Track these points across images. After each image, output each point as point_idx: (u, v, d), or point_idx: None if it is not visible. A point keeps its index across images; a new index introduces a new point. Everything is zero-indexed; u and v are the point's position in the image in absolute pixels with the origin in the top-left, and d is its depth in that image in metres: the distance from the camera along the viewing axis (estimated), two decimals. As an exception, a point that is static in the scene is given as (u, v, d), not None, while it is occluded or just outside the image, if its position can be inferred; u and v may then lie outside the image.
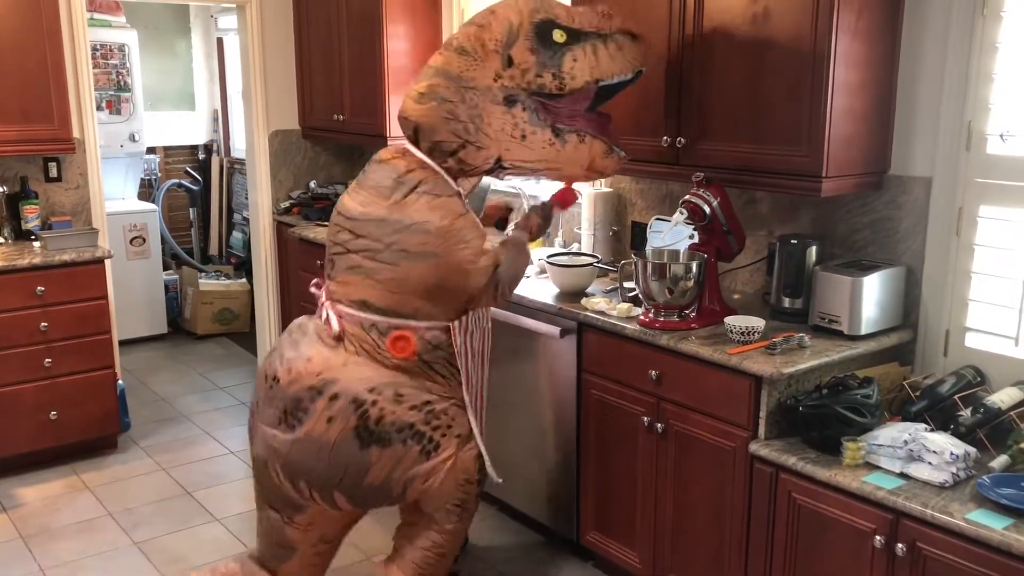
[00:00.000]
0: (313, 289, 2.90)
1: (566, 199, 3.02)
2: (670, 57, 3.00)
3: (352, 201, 2.77)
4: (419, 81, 2.75)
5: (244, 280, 6.44)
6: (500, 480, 2.91)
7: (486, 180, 3.34)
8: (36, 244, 4.29)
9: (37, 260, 4.05)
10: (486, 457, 2.83)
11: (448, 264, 2.65)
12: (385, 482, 2.66)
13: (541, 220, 2.97)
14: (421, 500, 2.77)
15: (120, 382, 4.48)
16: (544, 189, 4.14)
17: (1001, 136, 2.57)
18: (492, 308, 2.89)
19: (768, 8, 2.69)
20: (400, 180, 2.69)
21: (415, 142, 2.77)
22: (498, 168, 2.81)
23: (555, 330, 3.21)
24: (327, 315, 2.74)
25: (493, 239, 2.81)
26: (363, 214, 2.71)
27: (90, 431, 4.30)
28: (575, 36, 2.74)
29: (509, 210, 3.22)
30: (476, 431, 2.81)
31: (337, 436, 2.62)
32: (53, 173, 4.57)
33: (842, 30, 2.56)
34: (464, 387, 2.79)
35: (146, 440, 4.59)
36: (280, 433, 2.68)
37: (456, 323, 2.73)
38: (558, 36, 2.72)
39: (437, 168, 2.72)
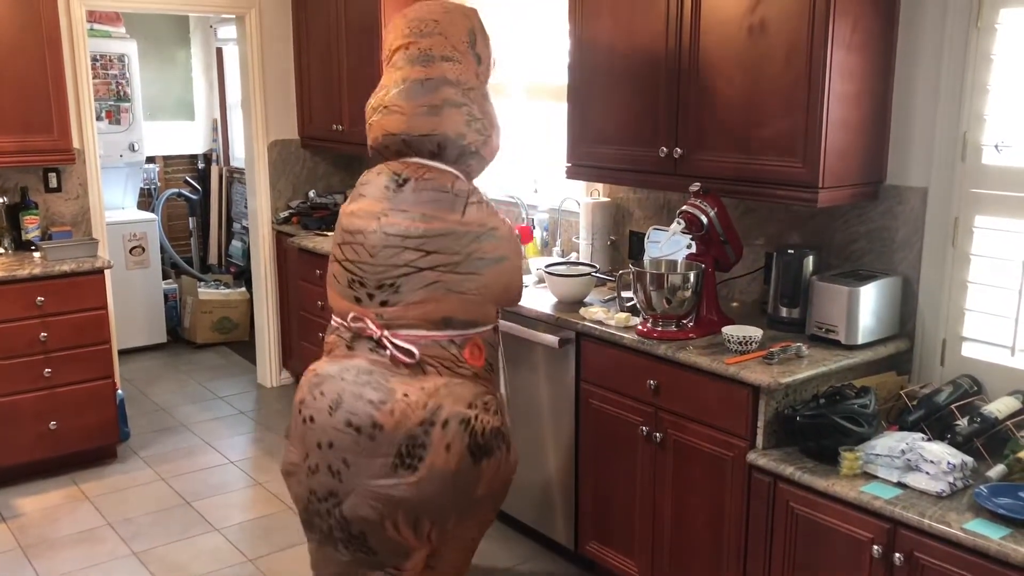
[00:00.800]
0: (351, 324, 2.73)
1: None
2: (667, 68, 3.02)
3: (406, 220, 2.69)
4: (414, 98, 2.75)
5: (243, 289, 6.44)
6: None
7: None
8: (36, 254, 4.31)
9: (37, 270, 4.06)
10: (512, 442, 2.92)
11: (515, 264, 2.84)
12: (488, 490, 2.72)
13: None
14: (496, 495, 2.82)
15: (119, 392, 4.49)
16: (540, 199, 4.16)
17: (996, 147, 2.58)
18: None
19: (764, 20, 2.70)
20: (454, 193, 2.74)
21: (436, 155, 2.78)
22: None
23: (553, 340, 3.22)
24: (392, 346, 2.65)
25: None
26: (429, 230, 2.67)
27: (89, 441, 4.31)
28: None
29: None
30: (508, 421, 2.89)
31: (457, 460, 2.60)
32: (53, 183, 4.59)
33: (837, 42, 2.57)
34: (502, 381, 2.93)
35: (146, 450, 4.60)
36: (401, 479, 2.56)
37: (498, 321, 2.90)
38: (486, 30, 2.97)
39: (462, 176, 2.82)
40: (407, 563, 2.70)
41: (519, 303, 3.06)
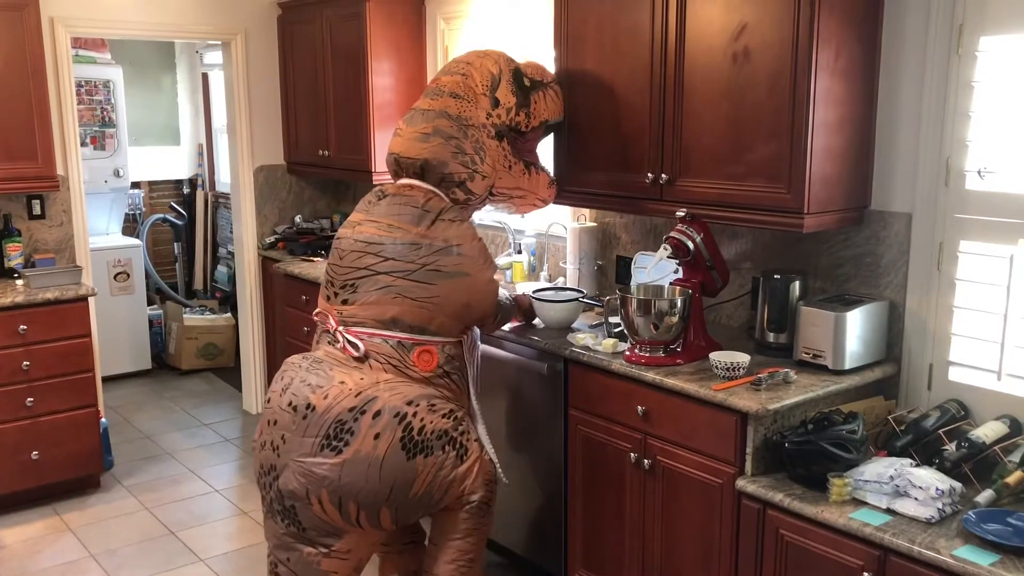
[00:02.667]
0: (318, 318, 2.98)
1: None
2: (652, 95, 3.03)
3: (372, 228, 2.92)
4: (414, 124, 3.03)
5: (229, 315, 6.41)
6: (507, 482, 3.11)
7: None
8: (19, 282, 4.27)
9: (20, 298, 4.02)
10: (495, 459, 3.00)
11: (477, 284, 2.95)
12: (428, 490, 2.79)
13: (529, 307, 3.39)
14: (452, 506, 2.89)
15: (103, 420, 4.44)
16: (528, 223, 4.16)
17: (979, 172, 2.60)
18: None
19: (748, 47, 2.73)
20: (424, 208, 2.92)
21: (420, 177, 3.00)
22: (488, 196, 3.12)
23: (541, 366, 3.21)
24: (343, 340, 2.85)
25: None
26: (391, 239, 2.89)
27: (72, 470, 4.26)
28: (534, 84, 3.24)
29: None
30: (484, 436, 3.02)
31: (385, 450, 2.70)
32: (36, 210, 4.56)
33: (821, 69, 2.60)
34: (472, 395, 3.04)
35: (129, 479, 4.54)
36: (325, 459, 2.69)
37: (464, 338, 3.00)
38: (526, 81, 3.21)
39: (445, 198, 2.98)
40: (337, 543, 2.80)
41: (496, 328, 3.19)
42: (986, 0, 2.54)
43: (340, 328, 2.87)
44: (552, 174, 3.39)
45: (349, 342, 2.84)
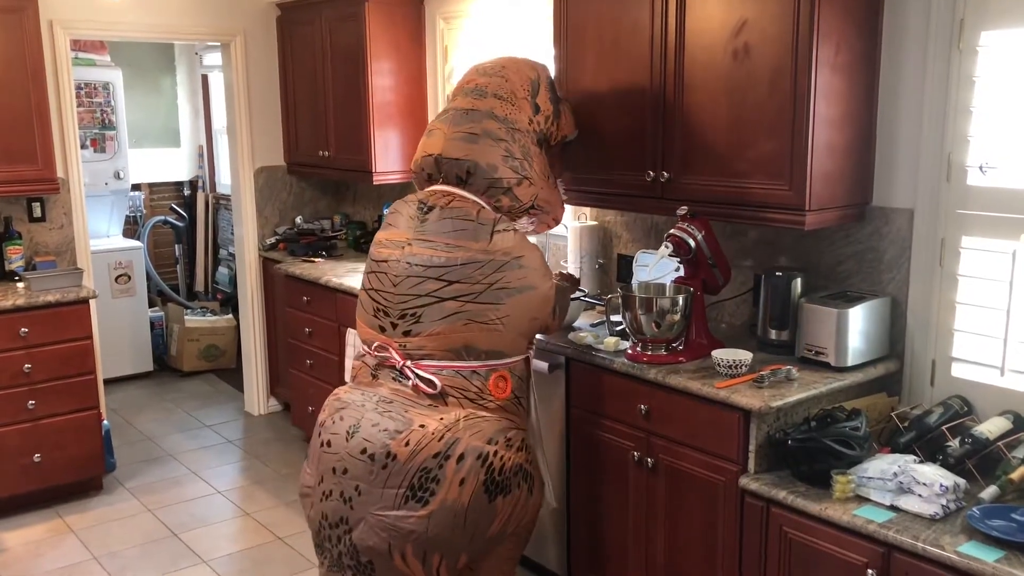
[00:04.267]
0: (376, 354, 2.76)
1: None
2: (653, 92, 3.03)
3: (429, 250, 2.72)
4: (457, 124, 2.83)
5: (230, 316, 6.41)
6: (556, 506, 3.00)
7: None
8: (20, 285, 4.27)
9: (21, 301, 4.02)
10: (548, 482, 2.90)
11: (542, 295, 2.81)
12: (503, 527, 2.66)
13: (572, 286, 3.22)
14: (512, 533, 2.76)
15: (105, 422, 4.44)
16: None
17: (980, 168, 2.59)
18: None
19: (748, 44, 2.72)
20: (479, 222, 2.74)
21: (463, 182, 2.81)
22: (529, 208, 2.91)
23: (543, 365, 3.20)
24: (414, 376, 2.66)
25: None
26: (451, 259, 2.68)
27: (74, 473, 4.25)
28: (560, 97, 3.12)
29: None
30: (542, 458, 2.87)
31: (470, 497, 2.56)
32: (37, 213, 4.56)
33: (821, 65, 2.59)
34: (533, 414, 2.90)
35: (132, 481, 4.54)
36: (411, 512, 2.53)
37: (530, 352, 2.88)
38: (558, 93, 3.09)
39: (489, 208, 2.80)
40: None
41: (559, 326, 3.04)
42: (987, -5, 2.54)
43: (408, 363, 2.67)
44: (564, 195, 3.26)
45: (421, 378, 2.65)
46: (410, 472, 2.53)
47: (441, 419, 2.59)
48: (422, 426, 2.57)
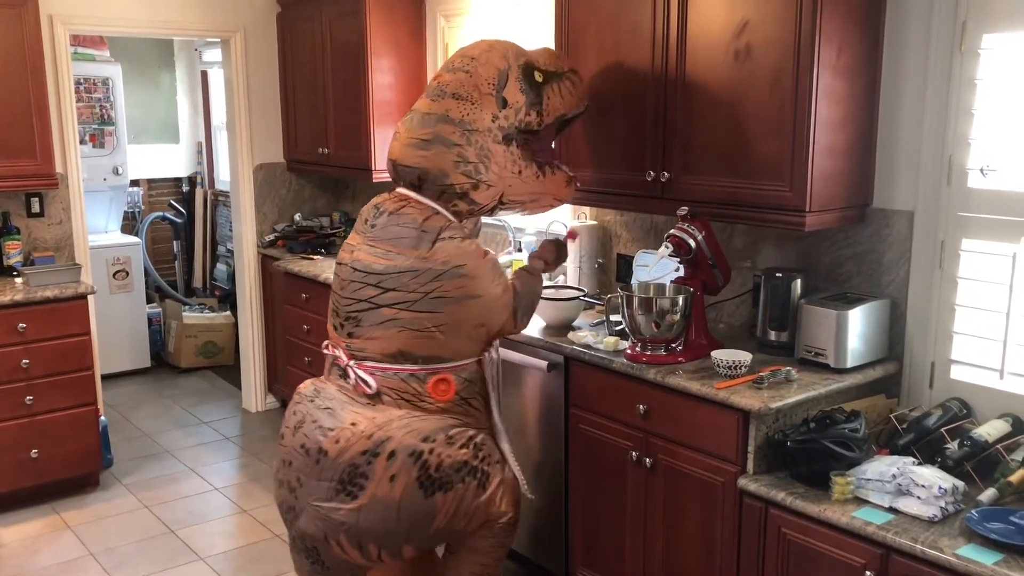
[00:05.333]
0: (327, 351, 2.87)
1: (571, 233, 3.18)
2: (654, 92, 3.02)
3: (371, 256, 2.76)
4: (412, 129, 2.83)
5: (228, 313, 6.40)
6: (532, 497, 3.01)
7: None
8: (18, 280, 4.26)
9: (19, 296, 4.01)
10: (520, 476, 2.91)
11: (486, 303, 2.78)
12: (450, 522, 2.71)
13: (555, 247, 3.09)
14: (478, 530, 2.83)
15: (102, 418, 4.43)
16: (528, 221, 4.15)
17: (981, 170, 2.60)
18: None
19: (750, 45, 2.72)
20: (423, 229, 2.74)
21: (417, 188, 2.82)
22: (498, 205, 2.91)
23: (542, 364, 3.20)
24: (355, 375, 2.74)
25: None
26: (390, 267, 2.72)
27: (72, 469, 4.25)
28: (547, 77, 2.95)
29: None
30: (509, 453, 2.90)
31: (402, 492, 2.63)
32: (35, 208, 4.55)
33: (823, 67, 2.59)
34: (495, 413, 2.91)
35: (129, 477, 4.53)
36: (341, 504, 2.63)
37: (485, 356, 2.88)
38: (538, 77, 2.92)
39: (447, 213, 2.81)
40: None
41: (524, 326, 2.97)
42: (989, -3, 2.54)
43: (351, 363, 2.76)
44: (570, 173, 3.10)
45: (360, 379, 2.74)
46: (339, 467, 2.64)
47: (373, 418, 2.68)
48: (353, 424, 2.66)
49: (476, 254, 2.78)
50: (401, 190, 2.88)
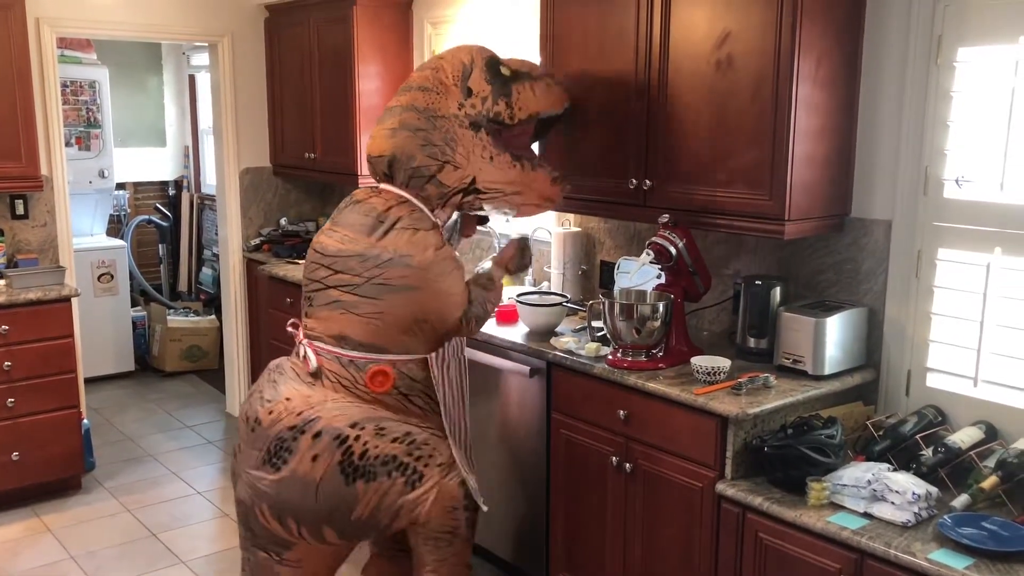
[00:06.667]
0: (290, 328, 2.94)
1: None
2: (637, 100, 3.05)
3: (329, 239, 2.85)
4: (383, 122, 2.93)
5: (213, 317, 6.39)
6: (485, 508, 2.92)
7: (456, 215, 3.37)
8: (1, 282, 4.25)
9: (1, 299, 4.01)
10: (471, 484, 2.85)
11: (429, 297, 2.78)
12: (373, 515, 2.71)
13: (517, 252, 3.09)
14: (409, 532, 2.83)
15: (85, 421, 4.42)
16: (514, 226, 4.17)
17: (957, 181, 2.64)
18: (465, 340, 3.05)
19: (731, 55, 2.75)
20: (380, 218, 2.80)
21: (389, 178, 2.90)
22: (473, 192, 2.92)
23: (524, 369, 3.22)
24: (304, 352, 2.81)
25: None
26: (341, 251, 2.79)
27: (53, 472, 4.24)
28: (515, 75, 3.02)
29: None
30: (459, 459, 2.84)
31: (322, 473, 2.65)
32: (20, 210, 4.54)
33: (803, 77, 2.63)
34: (443, 416, 2.88)
35: (111, 480, 4.52)
36: (265, 474, 2.69)
37: (433, 355, 2.84)
38: (504, 71, 3.00)
39: (415, 201, 2.86)
40: (287, 553, 2.78)
41: (476, 331, 2.94)
42: (965, 12, 2.58)
43: (304, 341, 2.83)
44: (555, 172, 3.08)
45: (306, 355, 2.80)
46: (268, 438, 2.70)
47: (308, 396, 2.73)
48: (288, 399, 2.72)
49: (427, 246, 2.77)
50: (376, 184, 2.96)
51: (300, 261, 4.92)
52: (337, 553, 2.89)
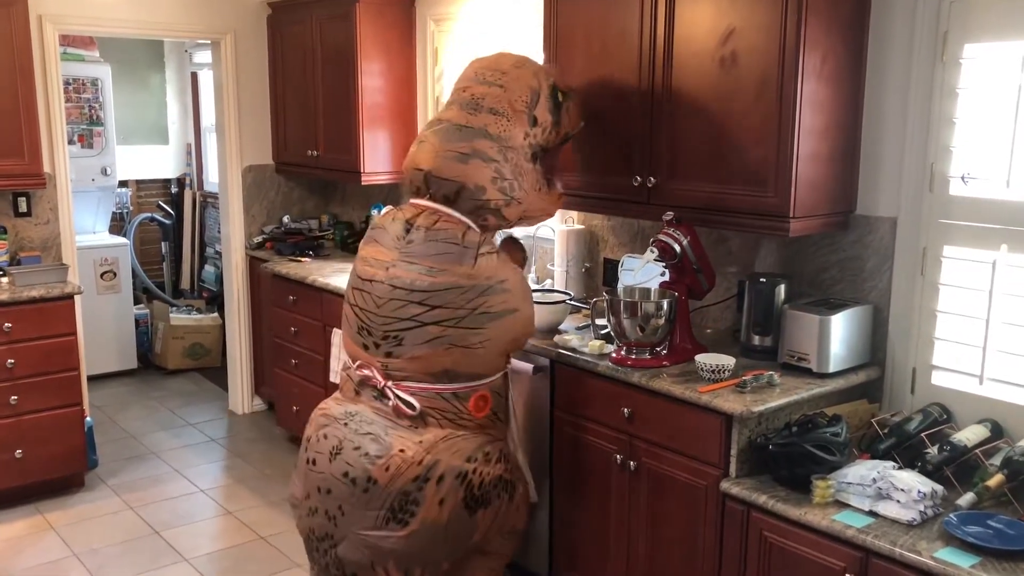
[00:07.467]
0: (358, 372, 2.81)
1: None
2: (640, 98, 3.05)
3: (412, 273, 2.73)
4: (449, 140, 2.81)
5: (216, 315, 6.39)
6: (535, 499, 3.07)
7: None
8: (4, 280, 4.24)
9: (4, 296, 4.00)
10: (531, 482, 2.97)
11: (525, 316, 2.84)
12: (486, 535, 2.76)
13: (521, 251, 3.15)
14: (496, 536, 2.87)
15: (88, 419, 4.42)
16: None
17: (963, 178, 2.63)
18: None
19: (736, 52, 2.74)
20: (464, 245, 2.75)
21: (451, 201, 2.80)
22: (522, 221, 2.98)
23: (528, 367, 3.21)
24: (395, 397, 2.72)
25: None
26: (435, 284, 2.71)
27: (56, 469, 4.23)
28: (565, 96, 3.04)
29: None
30: (523, 462, 2.95)
31: (449, 513, 2.66)
32: (23, 208, 4.53)
33: (807, 75, 2.62)
34: (513, 423, 2.95)
35: (114, 478, 4.52)
36: (391, 532, 2.64)
37: (508, 367, 2.90)
38: (560, 97, 3.00)
39: (475, 228, 2.82)
40: None
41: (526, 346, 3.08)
42: (970, 8, 2.57)
43: (389, 383, 2.73)
44: (562, 190, 3.23)
45: (402, 400, 2.71)
46: (390, 496, 2.63)
47: (420, 442, 2.67)
48: (402, 451, 2.65)
49: (512, 268, 2.83)
50: (422, 202, 2.84)
51: (303, 259, 4.91)
52: None
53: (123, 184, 6.76)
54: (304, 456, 2.83)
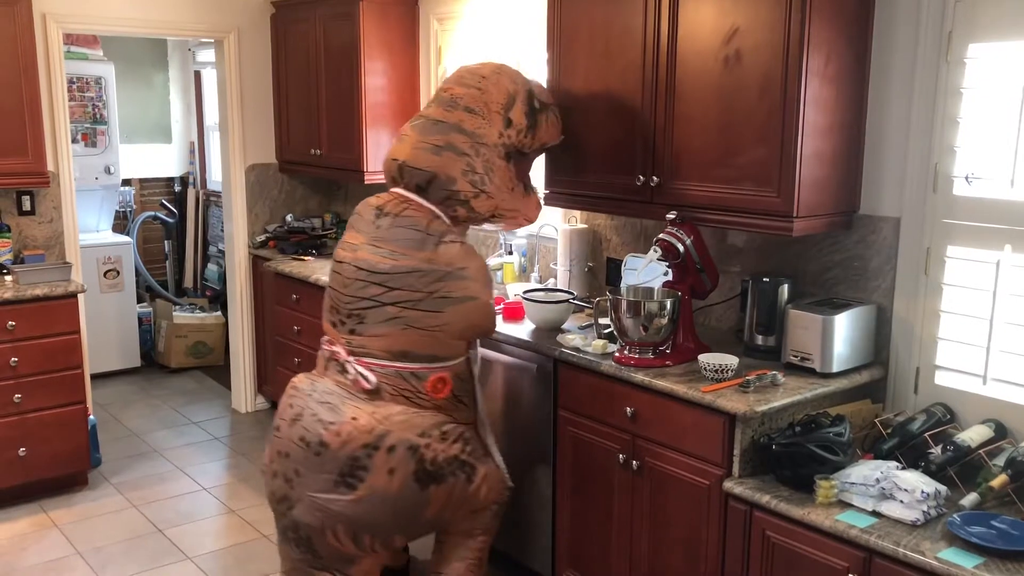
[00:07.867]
0: (327, 347, 2.95)
1: None
2: (644, 97, 3.04)
3: (375, 256, 2.86)
4: (425, 133, 2.95)
5: (219, 313, 6.39)
6: (512, 485, 3.13)
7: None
8: (8, 278, 4.25)
9: (8, 295, 4.01)
10: (502, 467, 3.08)
11: (484, 305, 2.95)
12: (440, 512, 2.85)
13: None
14: (464, 518, 2.96)
15: (91, 417, 4.43)
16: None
17: (967, 178, 2.62)
18: None
19: (740, 51, 2.74)
20: (427, 232, 2.87)
21: (422, 191, 2.93)
22: (494, 218, 3.06)
23: (531, 366, 3.21)
24: (355, 371, 2.82)
25: None
26: (395, 267, 2.83)
27: (60, 468, 4.24)
28: (542, 106, 3.15)
29: None
30: (492, 444, 3.07)
31: (399, 484, 2.74)
32: (26, 206, 4.54)
33: (811, 74, 2.61)
34: (479, 407, 3.04)
35: (117, 476, 4.53)
36: (340, 496, 2.73)
37: (470, 353, 3.01)
38: (536, 104, 3.11)
39: (445, 218, 2.93)
40: (352, 568, 2.87)
41: (492, 334, 3.16)
42: (975, 8, 2.56)
43: (351, 359, 2.85)
44: (540, 195, 3.33)
45: (361, 374, 2.82)
46: (340, 460, 2.72)
47: (374, 413, 2.77)
48: (354, 418, 2.75)
49: (474, 257, 2.93)
50: (399, 191, 2.98)
51: (306, 258, 4.92)
52: (386, 559, 3.03)
53: (126, 183, 6.76)
54: (273, 424, 2.98)
